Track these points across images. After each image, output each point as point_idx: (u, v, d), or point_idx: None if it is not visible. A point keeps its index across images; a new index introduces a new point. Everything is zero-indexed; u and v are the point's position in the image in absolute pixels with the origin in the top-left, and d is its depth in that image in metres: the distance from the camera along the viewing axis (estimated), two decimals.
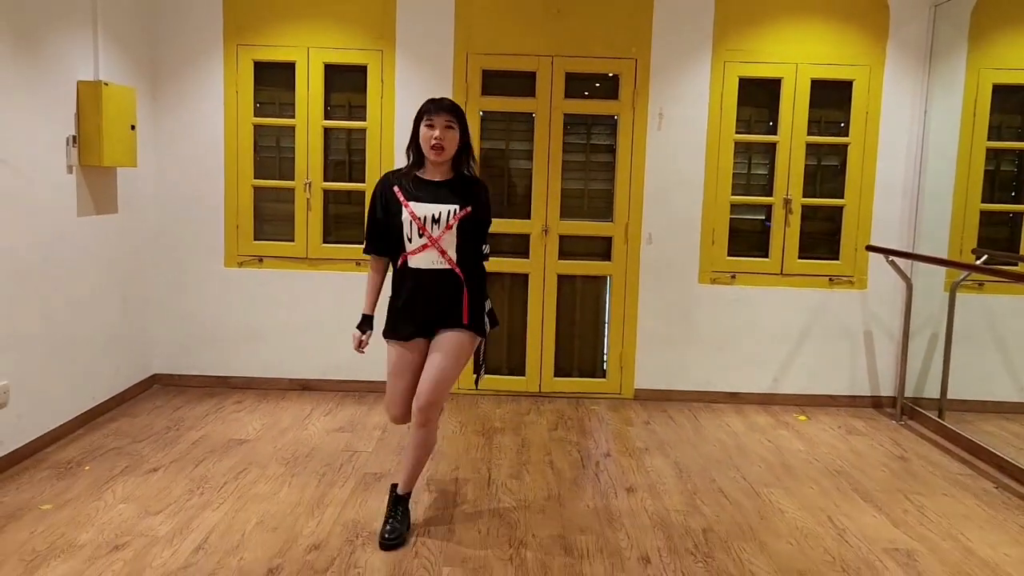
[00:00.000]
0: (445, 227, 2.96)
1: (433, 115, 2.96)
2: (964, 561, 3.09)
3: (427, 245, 2.97)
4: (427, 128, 2.97)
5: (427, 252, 2.98)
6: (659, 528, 3.30)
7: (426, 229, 2.97)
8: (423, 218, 2.96)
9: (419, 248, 2.98)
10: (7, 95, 3.63)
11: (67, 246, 4.13)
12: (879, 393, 5.21)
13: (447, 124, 2.96)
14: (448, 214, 2.97)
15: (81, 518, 3.21)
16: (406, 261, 3.00)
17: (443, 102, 3.01)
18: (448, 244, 2.98)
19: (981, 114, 4.98)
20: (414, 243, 2.98)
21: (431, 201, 2.98)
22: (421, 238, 2.97)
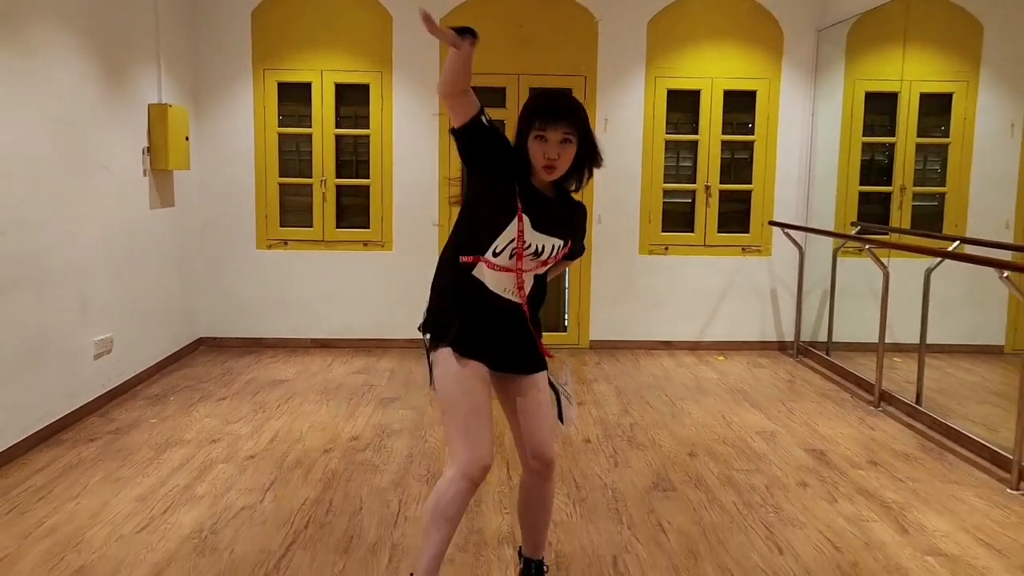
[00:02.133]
0: (540, 264, 2.38)
1: (547, 127, 2.24)
2: (809, 436, 4.41)
3: (511, 270, 2.33)
4: (537, 142, 2.25)
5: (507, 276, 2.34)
6: (599, 424, 4.59)
7: (523, 258, 2.33)
8: (528, 244, 2.31)
9: (501, 267, 2.33)
10: (105, 117, 4.83)
11: (143, 233, 5.33)
12: (783, 338, 6.55)
13: (564, 137, 2.24)
14: (554, 249, 2.37)
15: (181, 426, 4.44)
16: (474, 265, 2.34)
17: (560, 106, 2.28)
18: (529, 278, 2.38)
19: (857, 115, 6.32)
20: (499, 259, 2.32)
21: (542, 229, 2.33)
22: (510, 259, 2.32)
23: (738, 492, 3.63)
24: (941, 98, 6.29)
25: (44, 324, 4.17)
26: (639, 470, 3.89)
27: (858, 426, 4.61)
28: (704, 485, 3.71)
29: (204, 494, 3.52)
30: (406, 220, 6.32)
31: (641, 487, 3.68)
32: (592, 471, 3.87)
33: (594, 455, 4.09)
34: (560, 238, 2.37)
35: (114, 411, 4.68)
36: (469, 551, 3.04)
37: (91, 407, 4.60)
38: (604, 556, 3.01)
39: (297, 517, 3.30)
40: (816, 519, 3.35)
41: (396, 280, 6.33)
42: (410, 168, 6.27)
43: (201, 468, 3.82)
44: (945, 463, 4.04)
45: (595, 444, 4.25)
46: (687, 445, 4.25)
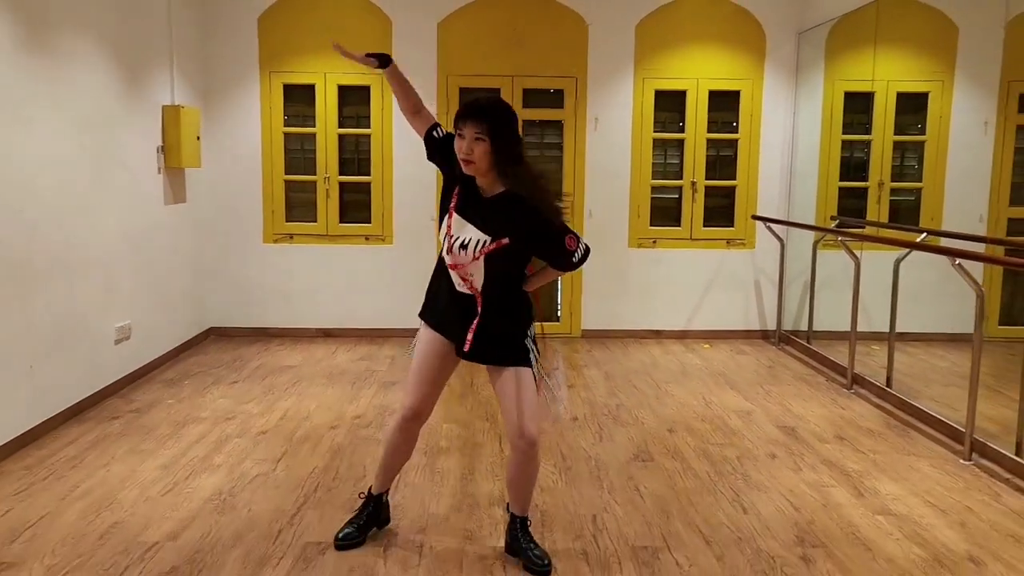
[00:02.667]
0: (472, 258, 2.66)
1: (463, 125, 2.56)
2: (782, 415, 4.72)
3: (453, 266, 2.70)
4: (458, 139, 2.59)
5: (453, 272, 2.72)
6: (586, 404, 4.91)
7: (453, 251, 2.68)
8: (456, 238, 2.67)
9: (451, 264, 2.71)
10: (124, 119, 5.14)
11: (158, 227, 5.65)
12: (766, 327, 6.87)
13: (476, 136, 2.55)
14: (478, 244, 2.64)
15: (197, 406, 4.76)
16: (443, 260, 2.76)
17: (476, 105, 2.59)
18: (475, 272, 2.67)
19: (836, 114, 6.63)
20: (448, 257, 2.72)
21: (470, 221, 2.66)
22: (448, 256, 2.71)
23: (711, 462, 3.95)
24: (918, 97, 6.60)
25: (72, 310, 4.49)
26: (621, 444, 4.21)
27: (830, 406, 4.93)
28: (680, 456, 4.03)
29: (221, 463, 3.84)
30: (405, 215, 6.63)
31: (622, 458, 4.00)
32: (578, 445, 4.18)
33: (581, 431, 4.41)
34: (487, 233, 2.62)
35: (133, 393, 5.00)
36: (463, 511, 3.36)
37: (112, 389, 4.92)
38: (585, 515, 3.33)
39: (307, 482, 3.63)
40: (780, 485, 3.67)
41: (396, 272, 6.64)
42: (409, 166, 6.58)
43: (217, 442, 4.14)
44: (907, 438, 4.35)
45: (582, 422, 4.57)
46: (668, 422, 4.57)
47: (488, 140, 2.56)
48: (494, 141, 2.56)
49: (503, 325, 2.74)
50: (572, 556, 2.97)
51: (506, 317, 2.74)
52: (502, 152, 2.58)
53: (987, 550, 3.05)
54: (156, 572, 2.81)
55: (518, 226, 2.63)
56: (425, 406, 2.88)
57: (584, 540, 3.11)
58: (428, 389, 2.86)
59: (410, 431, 2.93)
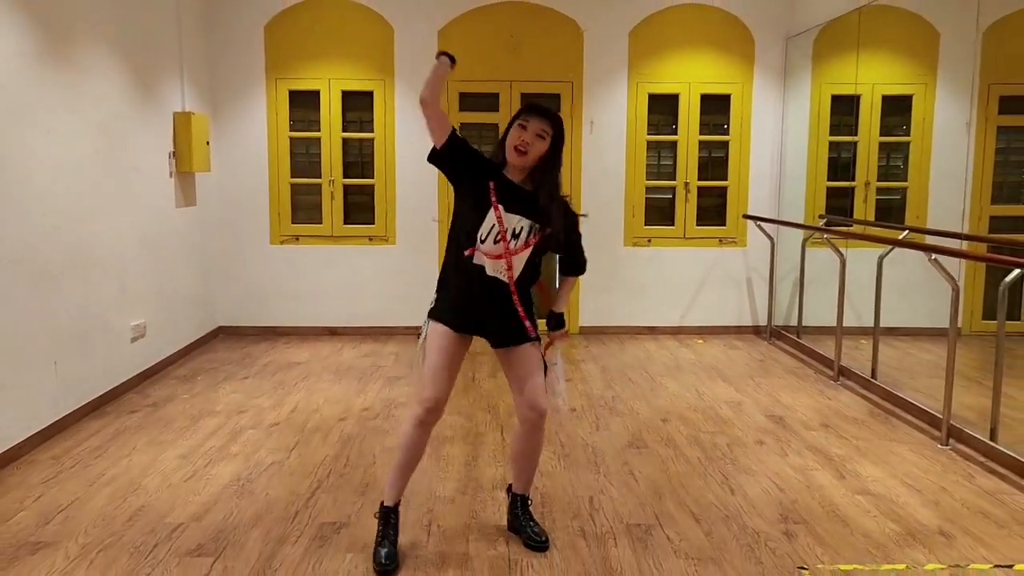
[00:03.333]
0: (523, 245, 2.83)
1: (529, 118, 2.80)
2: (772, 405, 4.94)
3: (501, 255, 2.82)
4: (519, 128, 2.80)
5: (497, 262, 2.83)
6: (584, 396, 5.13)
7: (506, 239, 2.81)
8: (508, 228, 2.80)
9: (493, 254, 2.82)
10: (137, 125, 5.35)
11: (170, 229, 5.86)
12: (757, 323, 7.09)
13: (539, 132, 2.79)
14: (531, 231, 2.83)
15: (210, 400, 4.97)
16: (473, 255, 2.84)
17: (544, 109, 2.85)
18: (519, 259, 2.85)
19: (823, 116, 6.85)
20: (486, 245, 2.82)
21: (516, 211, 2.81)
22: (496, 245, 2.81)
23: (702, 449, 4.17)
24: (902, 99, 6.83)
25: (90, 308, 4.70)
26: (617, 432, 4.43)
27: (817, 397, 5.15)
28: (673, 444, 4.24)
29: (238, 453, 4.05)
30: (408, 217, 6.85)
31: (618, 445, 4.22)
32: (576, 434, 4.40)
33: (579, 421, 4.62)
34: (534, 220, 2.83)
35: (149, 389, 5.21)
36: (468, 494, 3.57)
37: (128, 385, 5.13)
38: (582, 496, 3.54)
39: (320, 469, 3.84)
40: (767, 468, 3.89)
41: (399, 272, 6.85)
42: (411, 168, 6.79)
43: (232, 433, 4.35)
44: (889, 426, 4.57)
45: (580, 412, 4.79)
46: (661, 413, 4.79)
47: (549, 140, 2.81)
48: (553, 143, 2.83)
49: (525, 310, 2.95)
50: (570, 533, 3.19)
51: (526, 303, 2.96)
52: (554, 156, 2.85)
53: (958, 525, 3.27)
54: (184, 550, 3.02)
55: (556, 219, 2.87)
56: (444, 399, 2.95)
57: (581, 519, 3.32)
58: (447, 384, 2.94)
59: (428, 426, 2.97)
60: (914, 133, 6.85)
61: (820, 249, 6.76)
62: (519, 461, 3.13)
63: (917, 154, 6.90)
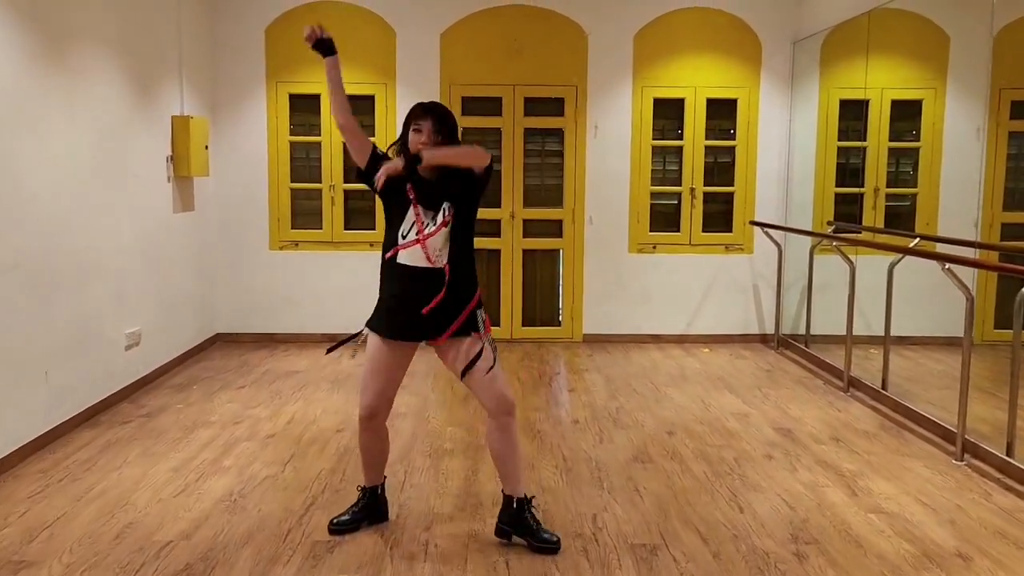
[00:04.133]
0: (442, 223, 2.96)
1: (420, 121, 2.95)
2: (780, 418, 4.82)
3: (416, 241, 2.95)
4: (414, 132, 2.96)
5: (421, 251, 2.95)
6: (587, 407, 5.01)
7: (423, 231, 2.95)
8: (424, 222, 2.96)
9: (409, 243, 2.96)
10: (135, 129, 5.26)
11: (167, 235, 5.76)
12: (764, 331, 6.97)
13: (433, 130, 2.95)
14: (444, 212, 2.97)
15: (206, 410, 4.87)
16: (395, 255, 2.98)
17: (431, 107, 3.00)
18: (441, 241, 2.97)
19: (831, 121, 6.74)
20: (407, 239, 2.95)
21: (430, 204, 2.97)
22: (416, 235, 2.95)
23: (709, 463, 4.05)
24: (911, 104, 6.71)
25: (86, 316, 4.60)
26: (621, 445, 4.31)
27: (826, 408, 5.03)
28: (679, 457, 4.13)
29: (231, 466, 3.94)
30: None
31: (622, 459, 4.10)
32: (579, 447, 4.29)
33: (582, 434, 4.51)
34: (447, 200, 2.97)
35: (143, 398, 5.10)
36: (467, 511, 3.46)
37: (123, 394, 5.03)
38: (585, 514, 3.43)
39: (315, 484, 3.73)
40: (776, 485, 3.77)
41: None
42: None
43: (226, 445, 4.24)
44: (901, 439, 4.45)
45: (583, 424, 4.67)
46: (667, 425, 4.67)
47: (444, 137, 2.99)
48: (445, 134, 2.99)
49: (462, 295, 3.01)
50: (572, 553, 3.07)
51: (464, 288, 3.02)
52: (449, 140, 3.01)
53: (975, 546, 3.15)
54: (171, 570, 2.92)
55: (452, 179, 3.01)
56: (380, 404, 3.11)
57: (584, 538, 3.20)
58: (379, 390, 3.09)
59: (374, 428, 3.16)
60: (924, 138, 6.72)
61: (828, 256, 6.65)
62: (503, 459, 3.12)
63: (927, 160, 6.77)
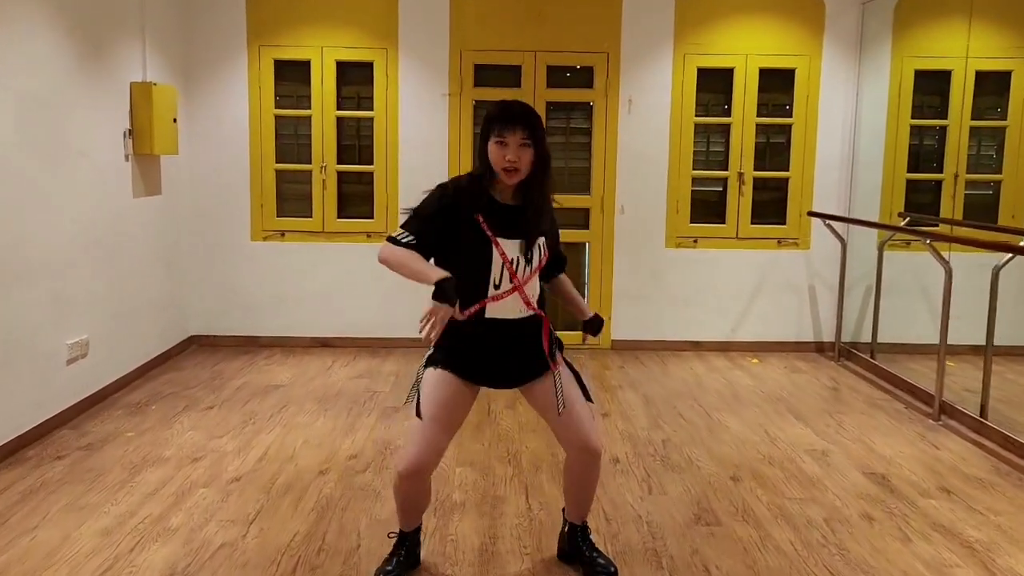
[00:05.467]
0: (537, 266, 2.50)
1: (505, 131, 2.38)
2: (866, 456, 3.91)
3: (514, 290, 2.46)
4: (498, 146, 2.39)
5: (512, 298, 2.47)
6: (627, 440, 4.11)
7: (515, 272, 2.45)
8: (513, 259, 2.45)
9: (505, 293, 2.46)
10: (81, 97, 4.35)
11: (125, 223, 4.86)
12: (821, 339, 6.04)
13: (522, 142, 2.38)
14: (540, 250, 2.51)
15: (160, 441, 3.98)
16: (482, 310, 2.46)
17: (515, 111, 2.40)
18: (533, 285, 2.52)
19: (905, 96, 5.78)
20: (502, 288, 2.45)
21: (520, 237, 2.46)
22: (510, 283, 2.45)
23: (794, 528, 3.15)
24: (998, 76, 5.76)
25: (10, 327, 3.72)
26: (677, 498, 3.41)
27: (919, 443, 4.11)
28: (753, 518, 3.22)
29: (179, 526, 3.06)
30: None
31: (681, 520, 3.20)
32: (623, 499, 3.39)
33: (624, 479, 3.61)
34: (540, 235, 2.50)
35: (88, 423, 4.22)
36: None
37: (62, 418, 4.15)
38: None
39: (284, 558, 2.84)
40: (889, 563, 2.87)
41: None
42: (417, 153, 5.78)
43: (178, 493, 3.36)
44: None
45: (624, 465, 3.77)
46: (729, 467, 3.77)
47: (533, 147, 2.42)
48: (538, 148, 2.44)
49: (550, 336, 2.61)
50: None
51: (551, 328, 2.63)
52: (543, 162, 2.47)
53: None
54: None
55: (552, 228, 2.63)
56: (432, 459, 2.52)
57: None
58: (439, 439, 2.53)
59: (418, 481, 2.57)
60: (1011, 117, 5.78)
61: (897, 253, 5.73)
62: (571, 493, 2.76)
63: (1014, 141, 5.83)
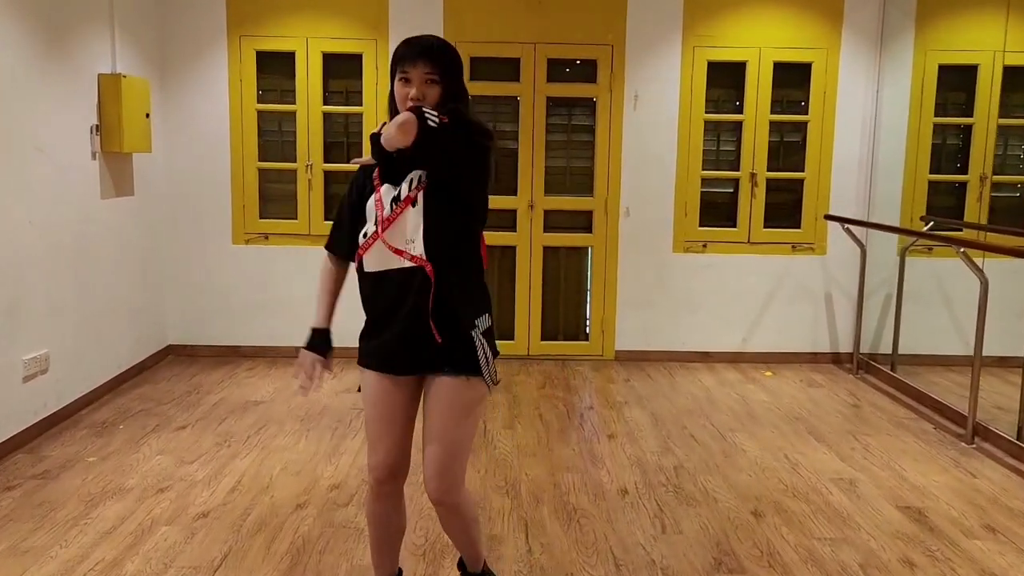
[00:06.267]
0: (405, 203, 2.09)
1: (407, 65, 2.07)
2: (898, 486, 3.57)
3: (385, 228, 2.09)
4: (401, 83, 2.09)
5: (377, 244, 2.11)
6: (636, 466, 3.76)
7: (384, 215, 2.10)
8: (386, 200, 2.11)
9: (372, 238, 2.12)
10: (41, 89, 3.99)
11: (92, 227, 4.50)
12: (838, 350, 5.69)
13: (427, 77, 2.06)
14: (411, 183, 2.09)
15: (125, 467, 3.62)
16: (360, 264, 2.18)
17: (421, 43, 2.10)
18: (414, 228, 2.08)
19: (928, 92, 5.44)
20: (367, 237, 2.14)
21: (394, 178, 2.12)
22: (380, 225, 2.10)
23: (826, 574, 2.80)
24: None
25: None
26: (693, 538, 3.06)
27: (954, 471, 3.77)
28: (780, 563, 2.88)
29: (134, 575, 2.70)
30: None
31: (700, 565, 2.85)
32: (634, 539, 3.04)
33: (635, 514, 3.26)
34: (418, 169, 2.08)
35: (47, 445, 3.86)
36: None
37: (17, 441, 3.79)
38: None
39: None
40: None
41: None
42: None
43: (138, 533, 3.00)
44: None
45: (634, 497, 3.42)
46: (749, 499, 3.42)
47: (441, 83, 2.09)
48: (446, 79, 2.09)
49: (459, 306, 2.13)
50: None
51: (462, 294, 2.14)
52: (452, 95, 2.10)
53: None
54: None
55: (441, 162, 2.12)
56: (398, 458, 2.24)
57: None
58: (393, 441, 2.22)
59: (389, 497, 2.29)
60: None
61: (921, 259, 5.39)
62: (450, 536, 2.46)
63: None
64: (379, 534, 2.35)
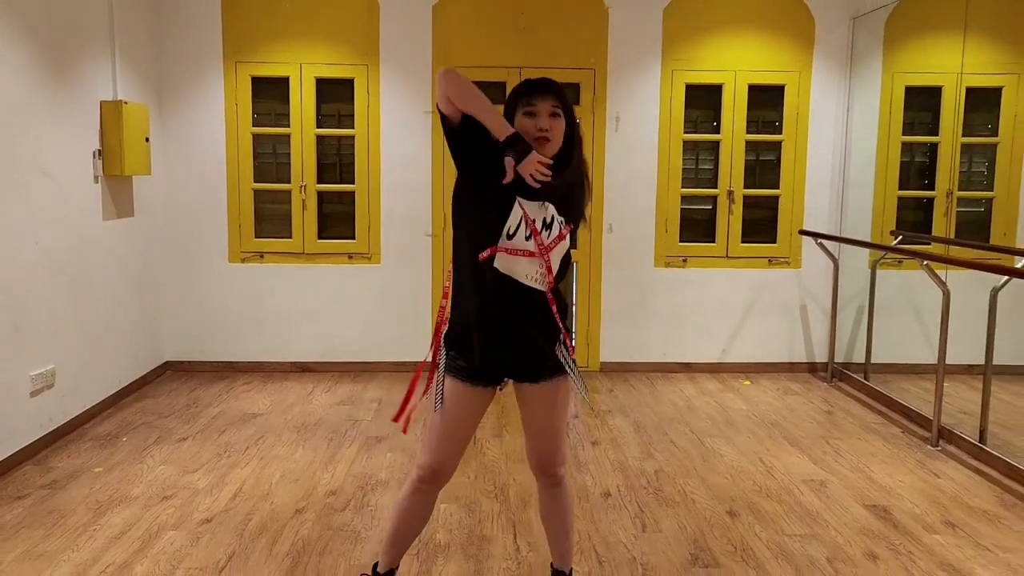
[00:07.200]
0: (557, 237, 2.32)
1: (535, 99, 2.26)
2: (865, 486, 3.77)
3: (534, 253, 2.27)
4: (527, 117, 2.26)
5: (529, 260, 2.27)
6: (618, 470, 3.95)
7: (537, 233, 2.27)
8: (533, 220, 2.27)
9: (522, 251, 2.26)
10: (47, 116, 4.17)
11: (94, 247, 4.67)
12: (814, 359, 5.92)
13: (552, 110, 2.26)
14: (560, 223, 2.33)
15: (130, 477, 3.79)
16: (493, 258, 2.26)
17: (542, 81, 2.30)
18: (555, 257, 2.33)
19: (896, 112, 5.69)
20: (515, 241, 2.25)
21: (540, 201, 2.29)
22: (528, 241, 2.26)
23: (796, 569, 2.99)
24: (989, 93, 5.68)
25: None
26: (672, 535, 3.25)
27: (919, 472, 3.98)
28: (753, 558, 3.07)
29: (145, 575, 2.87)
30: (395, 230, 5.66)
31: (677, 561, 3.04)
32: (616, 537, 3.23)
33: (616, 514, 3.45)
34: (560, 213, 2.33)
35: (54, 457, 4.02)
36: None
37: (25, 453, 3.95)
38: None
39: None
40: None
41: (385, 296, 5.67)
42: (400, 172, 5.63)
43: (145, 537, 3.17)
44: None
45: (616, 499, 3.61)
46: (725, 500, 3.61)
47: (563, 116, 2.30)
48: (568, 117, 2.32)
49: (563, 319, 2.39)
50: None
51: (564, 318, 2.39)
52: (573, 131, 2.34)
53: None
54: None
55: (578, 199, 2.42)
56: (450, 465, 2.46)
57: None
58: (452, 450, 2.44)
59: (428, 493, 2.50)
60: (1002, 133, 5.70)
61: (892, 271, 5.63)
62: (547, 525, 2.64)
63: (1006, 158, 5.76)
64: (402, 526, 2.52)
